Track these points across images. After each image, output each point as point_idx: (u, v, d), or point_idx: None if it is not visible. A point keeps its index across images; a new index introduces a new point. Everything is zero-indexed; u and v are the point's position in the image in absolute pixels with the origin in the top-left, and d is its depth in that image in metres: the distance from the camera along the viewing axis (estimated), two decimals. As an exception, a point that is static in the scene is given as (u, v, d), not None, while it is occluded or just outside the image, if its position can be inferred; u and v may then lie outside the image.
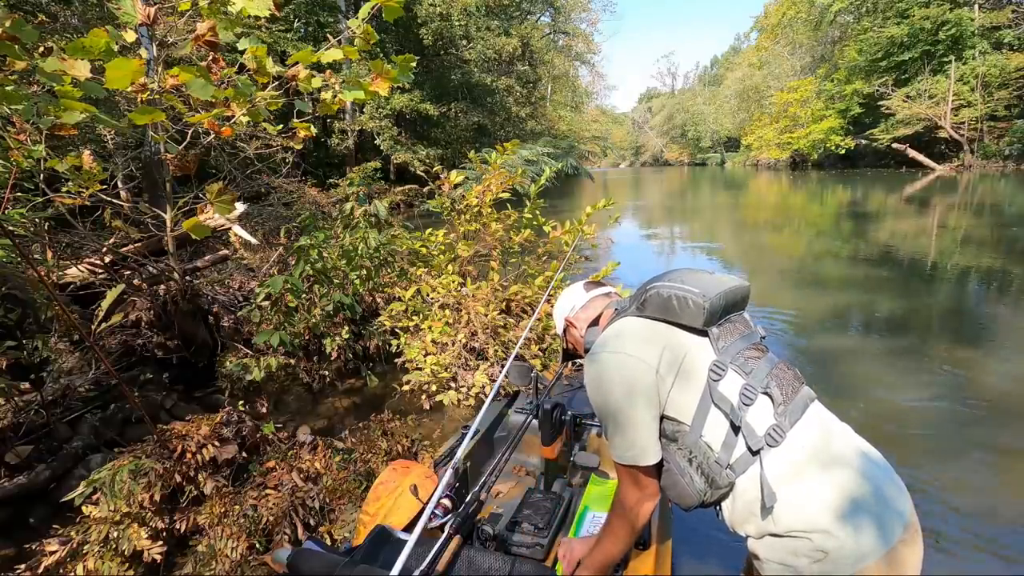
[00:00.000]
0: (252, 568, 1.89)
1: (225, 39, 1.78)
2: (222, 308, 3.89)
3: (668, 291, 1.03)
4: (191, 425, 2.26)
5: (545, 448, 1.52)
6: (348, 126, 18.03)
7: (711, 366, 0.99)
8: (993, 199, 14.39)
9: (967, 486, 2.51)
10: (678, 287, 1.03)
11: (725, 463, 0.96)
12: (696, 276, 1.09)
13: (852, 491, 0.90)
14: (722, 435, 0.97)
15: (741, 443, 0.95)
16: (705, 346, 1.03)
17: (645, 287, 1.09)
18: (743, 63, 55.19)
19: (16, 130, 2.20)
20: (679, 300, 1.02)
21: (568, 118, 32.88)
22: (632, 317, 1.08)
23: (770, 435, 0.93)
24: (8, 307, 2.59)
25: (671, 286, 1.04)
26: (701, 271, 1.13)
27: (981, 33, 25.08)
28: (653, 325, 1.05)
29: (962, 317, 5.05)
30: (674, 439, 1.02)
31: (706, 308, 1.00)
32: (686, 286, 1.03)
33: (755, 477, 0.93)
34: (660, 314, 1.04)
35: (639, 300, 1.08)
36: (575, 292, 1.34)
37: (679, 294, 1.02)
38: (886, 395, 3.46)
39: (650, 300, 1.05)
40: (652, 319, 1.05)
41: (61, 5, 6.60)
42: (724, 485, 0.97)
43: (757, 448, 0.93)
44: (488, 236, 4.05)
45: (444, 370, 3.25)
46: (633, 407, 0.99)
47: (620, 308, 1.15)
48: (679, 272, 1.11)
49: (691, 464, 0.99)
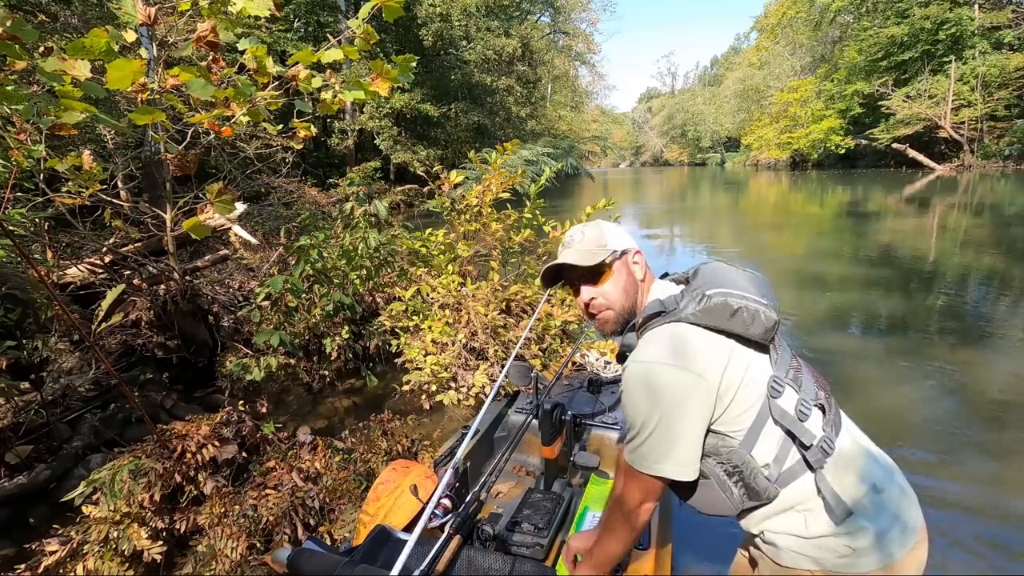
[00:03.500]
0: (252, 568, 1.89)
1: (225, 39, 1.78)
2: (222, 308, 3.89)
3: (737, 302, 0.94)
4: (191, 425, 2.26)
5: (545, 448, 1.52)
6: (348, 126, 18.03)
7: (770, 382, 0.95)
8: (993, 199, 14.39)
9: (967, 485, 2.51)
10: (747, 298, 0.95)
11: (774, 477, 0.94)
12: (746, 278, 1.01)
13: (881, 493, 0.96)
14: (774, 450, 0.95)
15: (794, 456, 0.95)
16: (764, 361, 0.98)
17: (704, 291, 0.97)
18: (743, 63, 55.23)
19: (16, 130, 2.20)
20: (750, 313, 0.94)
21: (568, 118, 32.88)
22: (689, 326, 0.96)
23: (823, 448, 0.94)
24: (8, 307, 2.60)
25: (740, 296, 0.94)
26: (744, 270, 1.04)
27: (981, 33, 25.08)
28: (715, 339, 0.95)
29: (962, 317, 5.05)
30: (715, 452, 0.98)
31: (775, 323, 0.95)
32: (753, 297, 0.95)
33: (809, 489, 0.94)
34: (724, 326, 0.94)
35: (698, 304, 0.96)
36: (622, 232, 1.16)
37: (750, 307, 0.94)
38: (886, 395, 3.46)
39: (714, 309, 0.94)
40: (713, 330, 0.95)
41: (61, 5, 6.60)
42: (766, 497, 0.96)
43: (817, 463, 0.93)
44: (488, 236, 4.05)
45: (444, 370, 3.25)
46: (684, 424, 0.93)
47: (668, 306, 1.01)
48: (729, 273, 1.02)
49: (731, 477, 0.97)
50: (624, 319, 1.10)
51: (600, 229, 1.13)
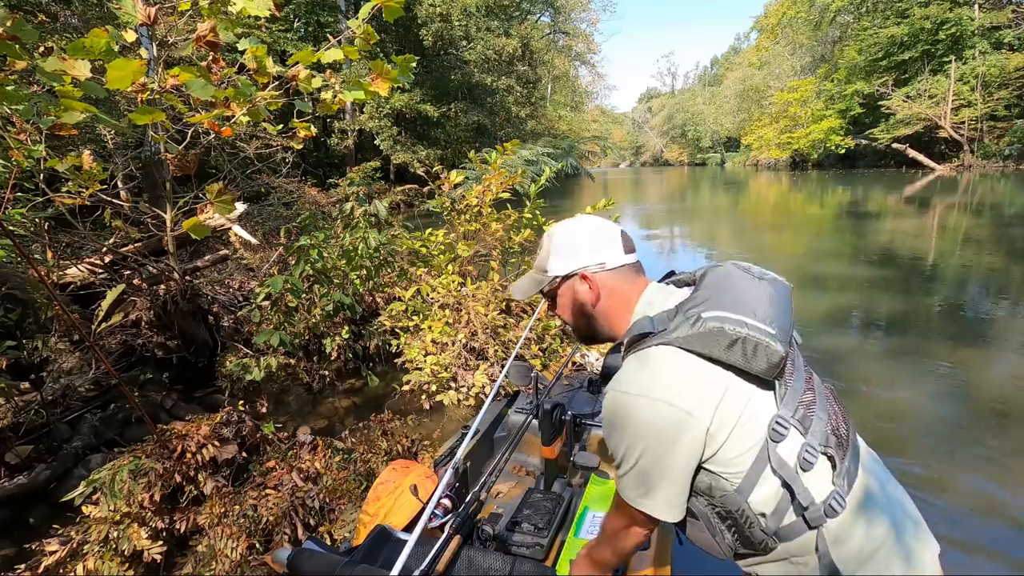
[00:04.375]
0: (252, 568, 1.89)
1: (225, 39, 1.78)
2: (222, 308, 3.89)
3: (736, 332, 0.78)
4: (191, 425, 2.26)
5: (545, 448, 1.52)
6: (348, 126, 18.04)
7: (772, 423, 0.81)
8: (993, 199, 14.39)
9: (967, 485, 2.51)
10: (748, 326, 0.79)
11: (772, 530, 0.82)
12: (760, 294, 0.85)
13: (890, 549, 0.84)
14: (773, 502, 0.81)
15: (795, 512, 0.81)
16: (768, 397, 0.83)
17: (700, 312, 0.82)
18: (743, 63, 55.25)
19: (16, 130, 2.20)
20: (751, 347, 0.79)
21: (568, 118, 32.88)
22: (678, 351, 0.81)
23: (830, 506, 0.80)
24: (8, 307, 2.60)
25: (739, 323, 0.79)
26: (761, 278, 0.89)
27: (981, 33, 25.08)
28: (708, 369, 0.81)
29: (962, 317, 5.05)
30: (707, 493, 0.86)
31: (781, 359, 0.80)
32: (757, 324, 0.80)
33: (809, 545, 0.82)
34: (720, 356, 0.80)
35: (691, 327, 0.81)
36: (605, 236, 0.96)
37: (750, 339, 0.78)
38: (886, 395, 3.46)
39: (708, 336, 0.79)
40: (707, 359, 0.81)
41: (61, 5, 6.60)
42: (761, 548, 0.85)
43: (816, 523, 0.80)
44: (488, 236, 4.05)
45: (444, 370, 3.25)
46: (667, 463, 0.82)
47: (658, 325, 0.86)
48: (740, 285, 0.86)
49: (723, 521, 0.87)
50: (581, 337, 1.03)
51: (549, 245, 0.99)
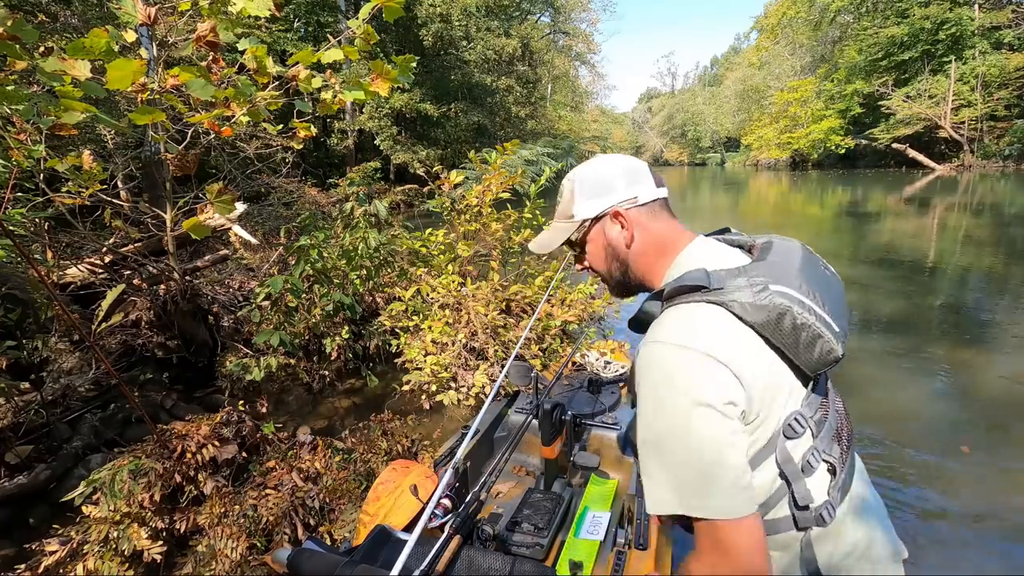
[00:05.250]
0: (252, 568, 1.89)
1: (225, 39, 1.78)
2: (222, 308, 3.89)
3: (802, 318, 0.72)
4: (191, 425, 2.26)
5: (545, 448, 1.52)
6: (348, 126, 18.04)
7: (792, 418, 0.76)
8: (993, 199, 14.39)
9: (967, 486, 2.51)
10: (816, 315, 0.73)
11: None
12: (826, 283, 0.79)
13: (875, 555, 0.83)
14: (765, 492, 0.77)
15: (787, 507, 0.78)
16: (797, 392, 0.78)
17: (768, 283, 0.74)
18: (743, 63, 55.24)
19: (16, 130, 2.20)
20: (810, 337, 0.73)
21: (568, 118, 32.85)
22: (728, 314, 0.74)
23: (820, 515, 0.77)
24: (8, 307, 2.60)
25: (807, 307, 0.73)
26: (826, 269, 0.84)
27: (981, 33, 25.09)
28: (755, 341, 0.74)
29: (962, 317, 5.05)
30: None
31: (836, 360, 0.75)
32: (825, 317, 0.74)
33: (791, 548, 0.79)
34: (771, 335, 0.73)
35: (754, 294, 0.73)
36: (633, 169, 0.89)
37: (814, 330, 0.72)
38: (886, 395, 3.46)
39: (771, 310, 0.72)
40: (757, 332, 0.74)
41: (61, 5, 6.60)
42: None
43: (805, 525, 0.77)
44: (488, 236, 4.05)
45: (444, 370, 3.25)
46: (723, 431, 0.69)
47: (714, 280, 0.76)
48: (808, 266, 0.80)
49: None
50: (617, 286, 0.94)
51: (572, 188, 0.91)
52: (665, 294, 0.80)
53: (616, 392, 2.08)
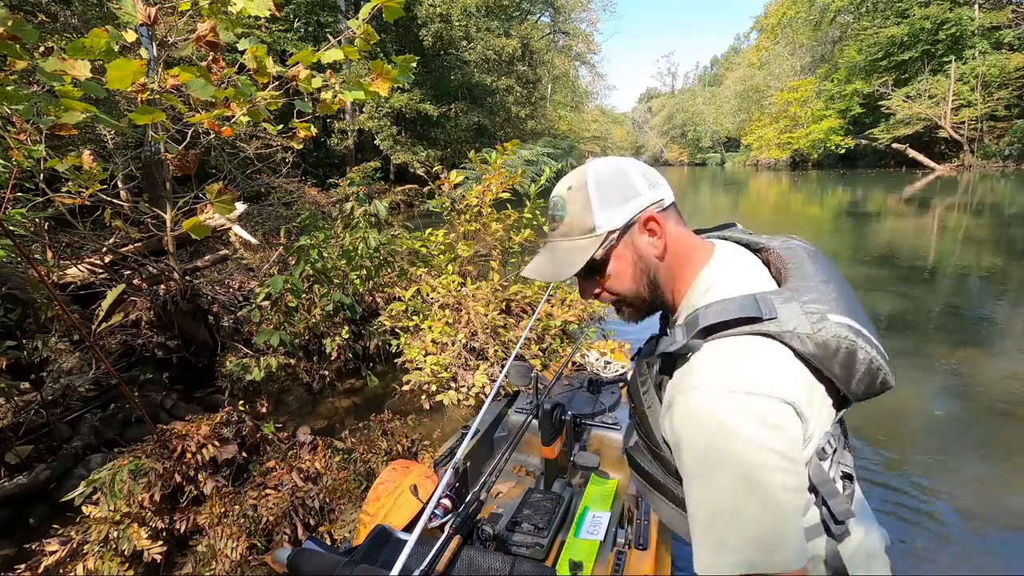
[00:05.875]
0: (252, 568, 1.89)
1: (225, 39, 1.78)
2: (222, 308, 3.89)
3: (866, 353, 0.66)
4: (191, 425, 2.26)
5: (545, 448, 1.52)
6: (348, 126, 18.04)
7: (825, 441, 0.70)
8: (993, 199, 14.39)
9: (968, 485, 2.51)
10: (875, 346, 0.67)
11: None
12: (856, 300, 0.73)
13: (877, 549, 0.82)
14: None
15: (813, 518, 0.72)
16: (831, 413, 0.70)
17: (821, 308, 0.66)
18: (743, 63, 55.28)
19: (16, 130, 2.20)
20: (870, 369, 0.67)
21: (568, 118, 32.85)
22: (783, 348, 0.65)
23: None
24: (8, 307, 2.60)
25: (867, 339, 0.67)
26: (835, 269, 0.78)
27: (981, 33, 25.09)
28: (805, 373, 0.66)
29: (962, 317, 5.05)
30: None
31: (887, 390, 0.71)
32: (879, 345, 0.69)
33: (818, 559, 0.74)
34: (826, 368, 0.66)
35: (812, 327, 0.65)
36: (650, 170, 0.78)
37: (876, 362, 0.67)
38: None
39: (832, 345, 0.64)
40: (807, 363, 0.66)
41: (61, 5, 6.60)
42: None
43: (842, 537, 0.73)
44: (488, 236, 4.05)
45: (444, 370, 3.25)
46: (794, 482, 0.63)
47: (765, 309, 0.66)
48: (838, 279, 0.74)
49: None
50: (642, 309, 0.81)
51: (586, 196, 0.75)
52: (704, 328, 0.67)
53: (616, 392, 2.08)
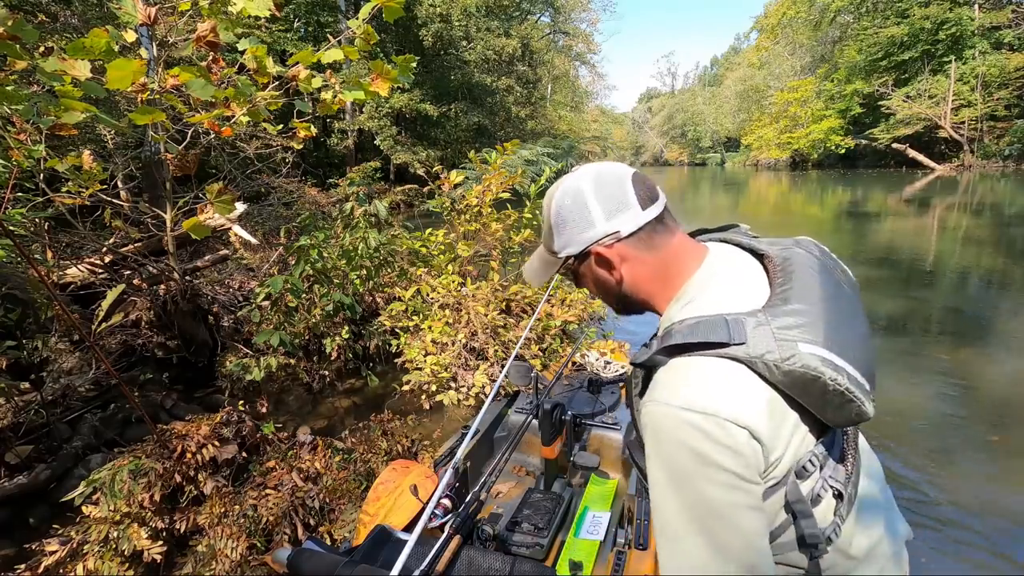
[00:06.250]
0: (252, 568, 1.89)
1: (225, 39, 1.78)
2: (222, 308, 3.89)
3: (835, 383, 0.64)
4: (191, 425, 2.26)
5: (545, 448, 1.52)
6: (348, 126, 18.05)
7: (806, 459, 0.70)
8: (993, 199, 14.39)
9: (968, 485, 2.51)
10: (850, 376, 0.65)
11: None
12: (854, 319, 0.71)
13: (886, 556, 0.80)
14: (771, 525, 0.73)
15: (790, 535, 0.73)
16: (812, 436, 0.71)
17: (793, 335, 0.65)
18: (743, 63, 55.28)
19: (16, 130, 2.20)
20: (841, 401, 0.65)
21: (568, 118, 32.86)
22: (751, 373, 0.65)
23: (828, 537, 0.74)
24: (8, 307, 2.60)
25: (839, 370, 0.64)
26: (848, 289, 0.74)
27: (981, 33, 25.10)
28: (775, 399, 0.66)
29: (962, 317, 5.05)
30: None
31: (863, 420, 0.68)
32: (856, 376, 0.65)
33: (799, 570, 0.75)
34: (799, 397, 0.66)
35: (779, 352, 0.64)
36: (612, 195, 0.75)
37: (848, 394, 0.64)
38: (886, 395, 3.46)
39: (800, 377, 0.64)
40: (781, 391, 0.66)
41: (61, 5, 6.60)
42: None
43: (818, 555, 0.73)
44: (488, 236, 4.05)
45: (444, 370, 3.25)
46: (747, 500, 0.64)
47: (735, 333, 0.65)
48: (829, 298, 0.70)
49: None
50: (622, 312, 0.85)
51: (550, 222, 0.80)
52: (672, 345, 0.68)
53: (616, 392, 2.08)
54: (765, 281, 0.75)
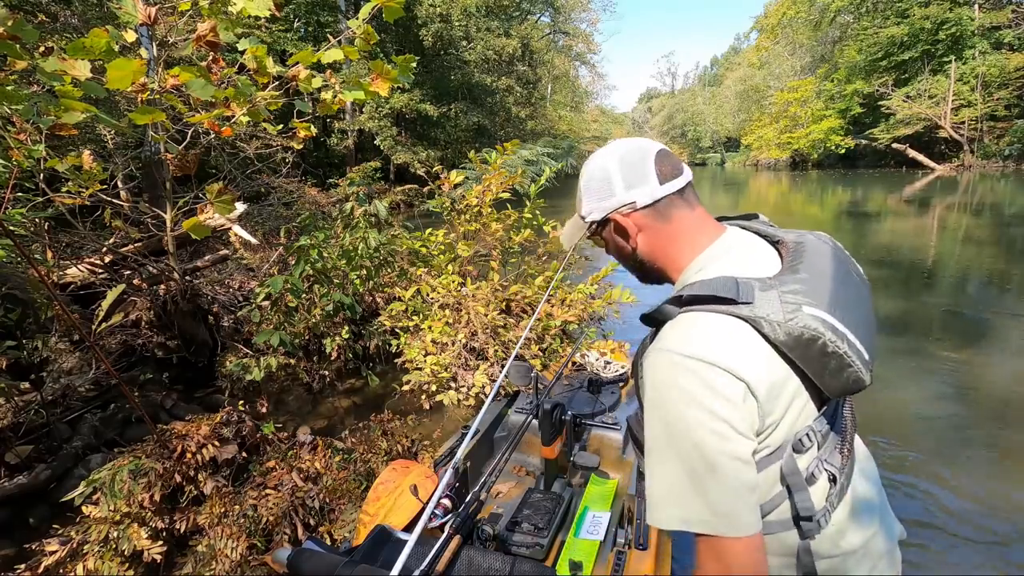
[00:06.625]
0: (252, 568, 1.89)
1: (225, 39, 1.78)
2: (222, 308, 3.89)
3: (834, 345, 0.67)
4: (191, 425, 2.26)
5: (545, 448, 1.52)
6: (348, 126, 18.05)
7: (804, 433, 0.73)
8: (993, 199, 14.39)
9: (968, 485, 2.51)
10: (849, 342, 0.68)
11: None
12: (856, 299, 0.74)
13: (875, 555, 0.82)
14: (764, 498, 0.75)
15: (783, 514, 0.76)
16: (811, 408, 0.74)
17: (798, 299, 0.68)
18: (743, 63, 55.28)
19: (16, 130, 2.20)
20: (839, 365, 0.68)
21: (568, 118, 32.87)
22: (753, 332, 0.68)
23: (818, 522, 0.76)
24: (8, 307, 2.60)
25: (840, 335, 0.68)
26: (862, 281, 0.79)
27: (981, 33, 25.09)
28: (775, 360, 0.69)
29: (962, 317, 5.05)
30: None
31: (860, 389, 0.71)
32: (857, 344, 0.69)
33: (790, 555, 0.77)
34: (798, 358, 0.69)
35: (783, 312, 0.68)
36: (634, 168, 0.80)
37: (846, 358, 0.68)
38: (887, 394, 3.46)
39: (800, 335, 0.67)
40: (781, 352, 0.69)
41: (61, 5, 6.60)
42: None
43: (807, 534, 0.76)
44: (488, 236, 4.05)
45: (444, 370, 3.25)
46: (736, 449, 0.66)
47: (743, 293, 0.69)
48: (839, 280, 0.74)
49: None
50: (640, 278, 0.91)
51: (580, 187, 0.87)
52: (684, 298, 0.73)
53: (616, 392, 2.08)
54: (778, 264, 0.79)
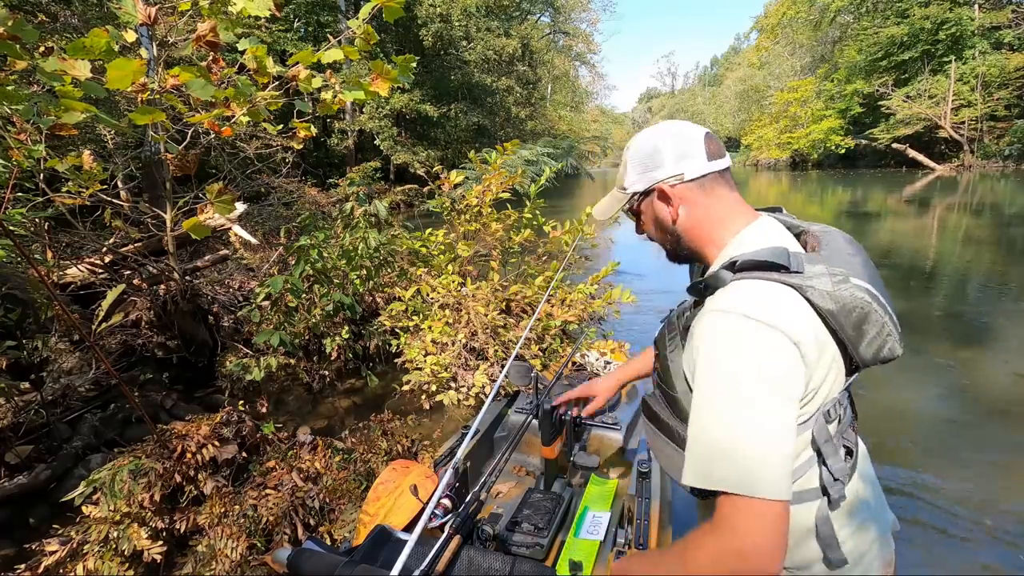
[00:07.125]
0: (252, 568, 1.89)
1: (225, 39, 1.78)
2: (222, 308, 3.89)
3: (878, 316, 0.75)
4: (191, 425, 2.26)
5: (545, 448, 1.52)
6: (348, 126, 18.05)
7: (834, 403, 0.79)
8: (993, 199, 14.39)
9: (968, 485, 2.51)
10: (889, 314, 0.76)
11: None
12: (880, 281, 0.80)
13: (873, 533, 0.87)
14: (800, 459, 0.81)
15: (810, 482, 0.81)
16: (841, 378, 0.79)
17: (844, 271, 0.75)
18: (743, 63, 55.31)
19: (16, 130, 2.20)
20: (880, 333, 0.76)
21: (568, 118, 32.87)
22: (802, 300, 0.73)
23: (841, 493, 0.82)
24: (8, 307, 2.60)
25: (883, 306, 0.75)
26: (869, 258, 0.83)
27: (981, 33, 25.09)
28: (821, 329, 0.74)
29: (962, 317, 5.05)
30: None
31: (893, 359, 0.79)
32: (893, 317, 0.77)
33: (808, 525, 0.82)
34: (839, 327, 0.74)
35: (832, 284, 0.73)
36: (685, 142, 0.84)
37: (885, 328, 0.76)
38: (887, 394, 3.46)
39: (847, 304, 0.73)
40: (824, 320, 0.74)
41: (61, 5, 6.60)
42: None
43: (836, 497, 0.81)
44: (488, 236, 4.05)
45: (444, 370, 3.24)
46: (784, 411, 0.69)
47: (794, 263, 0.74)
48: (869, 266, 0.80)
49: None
50: (670, 254, 0.94)
51: (626, 157, 0.90)
52: (739, 264, 0.76)
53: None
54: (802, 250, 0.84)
